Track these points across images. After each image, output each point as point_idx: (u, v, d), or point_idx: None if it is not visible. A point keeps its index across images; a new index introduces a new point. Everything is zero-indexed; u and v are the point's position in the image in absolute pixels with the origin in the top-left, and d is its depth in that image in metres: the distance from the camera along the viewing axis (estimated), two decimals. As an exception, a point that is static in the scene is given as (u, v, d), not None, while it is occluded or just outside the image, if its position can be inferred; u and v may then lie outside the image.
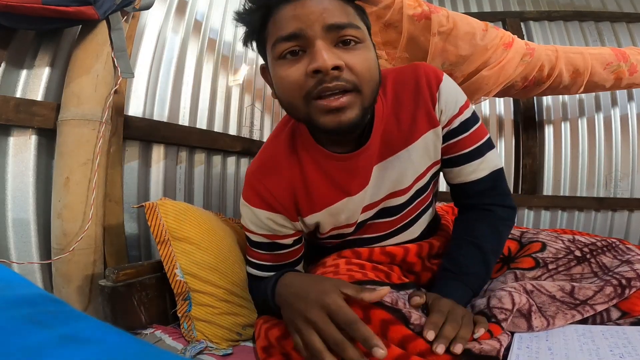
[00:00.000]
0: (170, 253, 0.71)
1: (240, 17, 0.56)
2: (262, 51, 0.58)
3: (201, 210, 0.83)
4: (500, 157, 0.69)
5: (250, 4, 0.54)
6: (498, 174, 0.67)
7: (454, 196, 0.72)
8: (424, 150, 0.64)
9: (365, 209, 0.66)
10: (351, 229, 0.68)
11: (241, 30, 0.58)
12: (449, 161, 0.67)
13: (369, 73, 0.51)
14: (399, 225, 0.70)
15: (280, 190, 0.63)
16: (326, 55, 0.48)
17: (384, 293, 0.47)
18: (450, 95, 0.62)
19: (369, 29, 0.56)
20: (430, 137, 0.63)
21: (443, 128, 0.64)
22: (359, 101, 0.51)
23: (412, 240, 0.73)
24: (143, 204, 0.75)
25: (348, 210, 0.65)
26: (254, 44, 0.58)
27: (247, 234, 0.69)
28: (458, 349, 0.45)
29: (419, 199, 0.69)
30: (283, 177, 0.63)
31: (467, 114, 0.64)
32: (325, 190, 0.63)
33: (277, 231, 0.66)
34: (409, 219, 0.70)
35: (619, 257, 0.63)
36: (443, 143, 0.65)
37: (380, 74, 0.55)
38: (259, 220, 0.65)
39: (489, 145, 0.66)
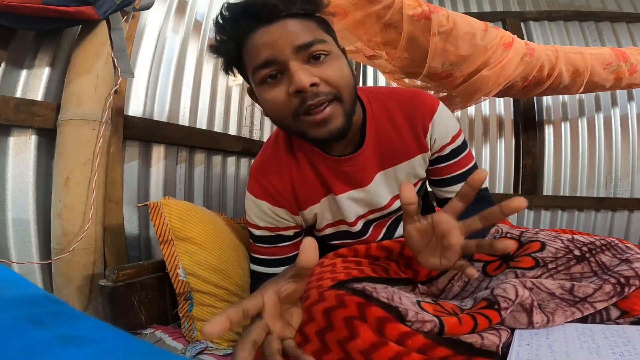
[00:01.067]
0: (173, 253, 0.71)
1: (216, 49, 0.60)
2: (244, 76, 0.62)
3: (205, 210, 0.83)
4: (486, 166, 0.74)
5: (221, 36, 0.58)
6: (483, 191, 0.72)
7: (441, 205, 0.77)
8: (411, 170, 0.71)
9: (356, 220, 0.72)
10: (347, 227, 0.73)
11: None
12: (437, 182, 0.74)
13: (343, 80, 0.56)
14: (384, 229, 0.77)
15: (281, 184, 0.69)
16: (302, 76, 0.52)
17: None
18: (442, 126, 0.68)
19: (335, 38, 0.61)
20: (418, 161, 0.70)
21: (433, 154, 0.70)
22: (341, 108, 0.56)
23: None
24: (147, 202, 0.76)
25: (333, 209, 0.71)
26: (236, 71, 0.62)
27: (251, 229, 0.72)
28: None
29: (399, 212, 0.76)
30: (283, 172, 0.69)
31: (458, 142, 0.70)
32: (316, 185, 0.69)
33: (279, 222, 0.70)
34: (394, 226, 0.77)
35: (618, 256, 0.63)
36: (431, 165, 0.72)
37: (355, 77, 0.59)
38: (262, 212, 0.69)
39: (474, 169, 0.71)
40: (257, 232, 0.71)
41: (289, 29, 0.53)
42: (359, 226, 0.73)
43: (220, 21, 0.57)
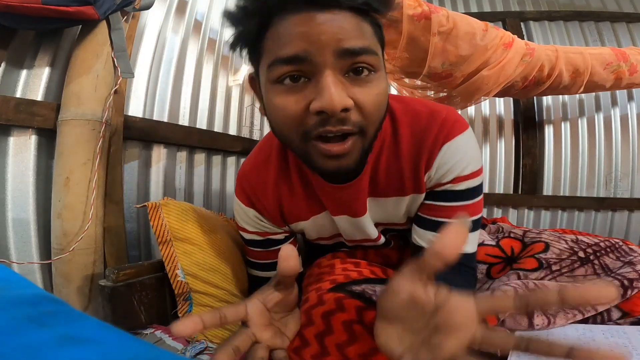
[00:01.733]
0: (172, 253, 0.71)
1: (233, 18, 0.46)
2: (253, 61, 0.48)
3: (204, 211, 0.83)
4: (476, 243, 0.60)
5: (246, 4, 0.44)
6: (466, 258, 0.58)
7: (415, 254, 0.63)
8: (401, 206, 0.61)
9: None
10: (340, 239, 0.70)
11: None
12: (421, 220, 0.60)
13: (378, 112, 0.44)
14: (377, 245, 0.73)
15: (266, 199, 0.64)
16: (334, 93, 0.39)
17: None
18: (449, 160, 0.54)
19: (383, 47, 0.48)
20: (410, 199, 0.60)
21: (427, 189, 0.58)
22: (361, 144, 0.45)
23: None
24: (146, 203, 0.75)
25: (328, 224, 0.66)
26: (245, 52, 0.48)
27: (241, 232, 0.71)
28: None
29: (393, 235, 0.71)
30: (270, 186, 0.63)
31: (460, 187, 0.56)
32: (306, 204, 0.64)
33: (267, 228, 0.68)
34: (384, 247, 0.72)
35: (621, 259, 0.63)
36: (425, 200, 0.60)
37: (388, 106, 0.48)
38: (249, 218, 0.67)
39: (472, 227, 0.57)
40: (247, 236, 0.70)
41: (339, 24, 0.40)
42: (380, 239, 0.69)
43: None
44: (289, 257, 0.38)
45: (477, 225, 0.58)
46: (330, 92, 0.39)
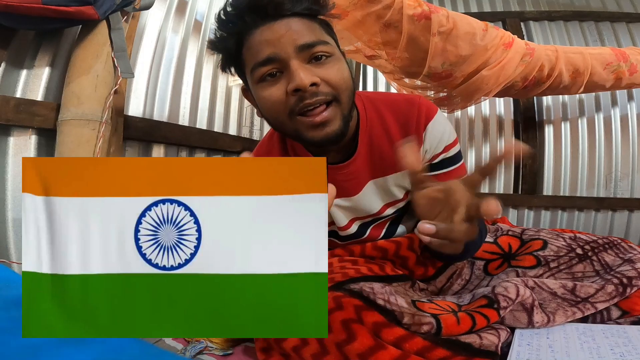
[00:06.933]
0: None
1: (214, 45, 0.58)
2: (241, 74, 0.60)
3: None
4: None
5: (221, 32, 0.56)
6: None
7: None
8: (400, 182, 0.68)
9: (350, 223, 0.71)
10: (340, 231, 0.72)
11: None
12: None
13: (344, 82, 0.55)
14: (384, 229, 0.74)
15: None
16: (303, 74, 0.50)
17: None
18: (437, 135, 0.65)
19: (336, 41, 0.60)
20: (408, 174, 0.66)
21: (426, 162, 0.66)
22: (339, 111, 0.54)
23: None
24: None
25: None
26: (232, 69, 0.61)
27: None
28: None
29: (393, 216, 0.74)
30: None
31: (451, 153, 0.66)
32: None
33: None
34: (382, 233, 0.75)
35: (620, 256, 0.63)
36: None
37: (354, 81, 0.58)
38: None
39: None
40: None
41: (292, 28, 0.52)
42: (353, 229, 0.72)
43: (223, 16, 0.56)
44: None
45: None
46: (299, 73, 0.50)
